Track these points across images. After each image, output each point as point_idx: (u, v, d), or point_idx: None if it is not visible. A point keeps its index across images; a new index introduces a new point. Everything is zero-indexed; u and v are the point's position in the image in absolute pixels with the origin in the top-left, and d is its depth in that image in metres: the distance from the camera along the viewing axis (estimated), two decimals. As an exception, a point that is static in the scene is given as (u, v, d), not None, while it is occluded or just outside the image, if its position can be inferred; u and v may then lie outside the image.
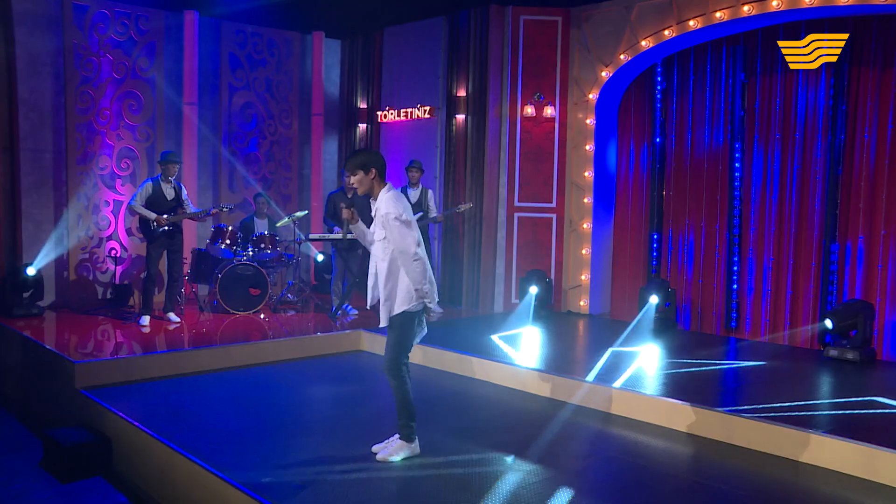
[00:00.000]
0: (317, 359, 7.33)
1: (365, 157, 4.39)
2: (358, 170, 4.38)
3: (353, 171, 4.40)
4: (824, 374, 6.52)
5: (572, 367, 6.53)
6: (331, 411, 5.69)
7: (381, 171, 4.42)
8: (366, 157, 4.41)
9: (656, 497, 4.17)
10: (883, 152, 7.35)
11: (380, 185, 4.44)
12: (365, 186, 4.44)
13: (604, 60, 9.06)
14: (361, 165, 4.37)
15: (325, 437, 4.95)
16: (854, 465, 4.48)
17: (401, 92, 10.64)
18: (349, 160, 4.44)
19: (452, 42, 9.89)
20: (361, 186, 4.44)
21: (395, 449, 4.57)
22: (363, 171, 4.38)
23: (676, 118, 8.92)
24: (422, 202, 9.06)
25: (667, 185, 9.07)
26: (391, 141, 10.84)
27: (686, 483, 4.43)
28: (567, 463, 4.74)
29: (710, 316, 8.71)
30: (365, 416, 5.56)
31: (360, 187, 4.45)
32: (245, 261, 8.59)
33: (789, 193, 8.01)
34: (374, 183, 4.43)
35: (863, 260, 7.51)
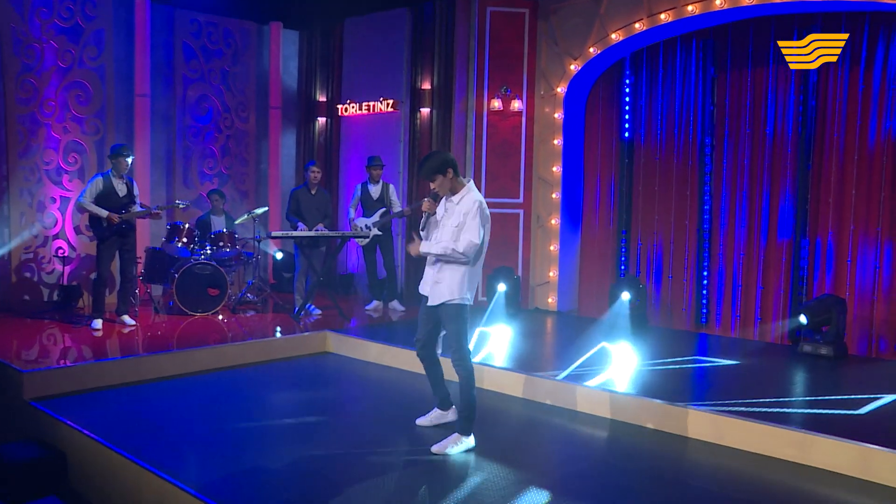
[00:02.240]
0: (282, 362, 7.00)
1: (438, 161, 4.43)
2: (436, 175, 4.42)
3: (432, 177, 4.43)
4: (803, 371, 6.47)
5: (548, 366, 6.33)
6: (301, 418, 5.36)
7: (456, 168, 4.47)
8: (438, 160, 4.44)
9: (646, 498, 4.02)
10: (852, 149, 7.37)
11: (460, 182, 4.50)
12: (446, 187, 4.47)
13: (572, 53, 8.91)
14: (438, 170, 4.41)
15: (298, 446, 4.66)
16: (850, 465, 4.40)
17: (362, 85, 10.34)
18: (422, 170, 4.47)
19: (417, 34, 9.63)
20: (443, 189, 4.47)
21: (451, 442, 4.52)
22: (441, 174, 4.42)
23: (645, 113, 8.83)
24: (384, 197, 8.80)
25: (636, 180, 8.98)
26: (352, 135, 10.53)
27: (672, 483, 4.28)
28: (545, 464, 4.55)
29: (679, 312, 8.65)
30: (338, 422, 5.28)
31: (441, 190, 4.47)
32: (203, 260, 8.20)
33: (759, 189, 7.99)
34: (454, 180, 4.46)
35: (832, 255, 7.53)
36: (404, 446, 4.71)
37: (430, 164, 4.47)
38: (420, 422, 5.08)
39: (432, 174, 4.45)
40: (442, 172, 4.44)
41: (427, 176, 4.48)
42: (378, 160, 8.79)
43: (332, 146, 10.73)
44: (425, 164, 4.49)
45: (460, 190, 4.53)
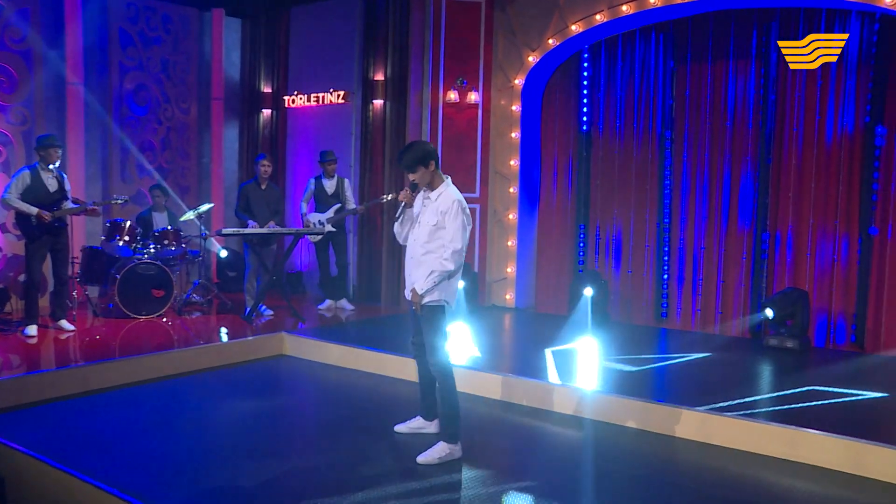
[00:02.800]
0: (237, 367, 6.60)
1: (420, 152, 4.23)
2: (418, 166, 4.22)
3: (413, 168, 4.23)
4: (774, 364, 6.44)
5: (520, 365, 6.13)
6: (265, 429, 4.99)
7: (437, 160, 4.29)
8: (420, 151, 4.24)
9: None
10: (810, 143, 7.41)
11: (440, 177, 4.30)
12: (426, 180, 4.28)
13: (530, 45, 8.73)
14: (420, 161, 4.21)
15: (267, 461, 4.32)
16: (839, 461, 4.34)
17: (311, 75, 9.94)
18: (403, 159, 4.26)
19: (369, 23, 9.30)
20: (423, 181, 4.27)
21: (437, 451, 4.30)
22: (423, 165, 4.22)
23: (604, 106, 8.73)
24: (339, 193, 8.46)
25: (594, 174, 8.88)
26: (300, 128, 10.12)
27: (664, 485, 4.13)
28: (532, 470, 4.33)
29: (640, 307, 8.59)
30: (308, 432, 4.96)
31: (422, 181, 4.28)
32: (147, 259, 7.70)
33: (719, 183, 7.97)
34: (434, 175, 4.27)
35: (792, 249, 7.56)
36: (386, 457, 4.42)
37: (412, 155, 4.24)
38: (399, 428, 4.81)
39: (413, 165, 4.24)
40: (424, 164, 4.24)
41: (408, 167, 4.26)
42: (332, 155, 8.45)
43: (279, 139, 10.30)
44: (406, 154, 4.26)
45: (438, 185, 4.32)
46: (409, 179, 4.32)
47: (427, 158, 4.24)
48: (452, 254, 4.18)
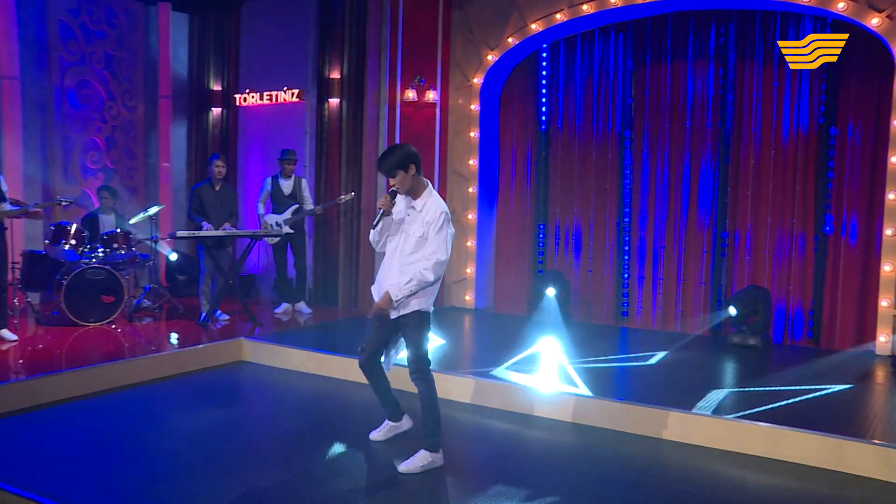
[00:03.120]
0: (195, 375, 6.32)
1: (401, 155, 4.06)
2: (397, 170, 4.05)
3: (392, 172, 4.06)
4: (741, 362, 6.49)
5: (486, 368, 6.03)
6: (232, 442, 4.73)
7: (419, 164, 4.13)
8: (401, 154, 4.07)
9: None
10: (768, 142, 7.53)
11: (421, 183, 4.16)
12: (406, 185, 4.11)
13: (489, 44, 8.66)
14: (400, 164, 4.04)
15: (239, 476, 4.11)
16: (823, 458, 4.37)
17: (263, 73, 9.66)
18: (383, 163, 4.07)
19: (325, 20, 9.08)
20: (403, 185, 4.10)
21: (418, 460, 4.15)
22: (403, 169, 4.05)
23: (563, 105, 8.72)
24: (296, 193, 8.24)
25: (553, 173, 8.86)
26: (252, 127, 9.84)
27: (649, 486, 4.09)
28: (513, 475, 4.24)
29: (600, 307, 8.60)
30: (280, 444, 4.73)
31: (402, 186, 4.10)
32: (95, 263, 7.34)
33: (679, 182, 8.04)
34: (414, 180, 4.11)
35: (750, 247, 7.67)
36: (364, 467, 4.26)
37: (393, 159, 4.07)
38: (374, 436, 4.65)
39: (393, 169, 4.07)
40: (404, 168, 4.08)
41: (388, 171, 4.08)
42: (293, 154, 8.23)
43: (230, 139, 9.98)
44: (387, 158, 4.09)
45: (422, 193, 4.17)
46: (389, 184, 4.15)
47: (407, 162, 4.08)
48: (435, 265, 4.04)
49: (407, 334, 4.22)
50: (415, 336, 4.19)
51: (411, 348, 4.21)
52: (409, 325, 4.19)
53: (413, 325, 4.18)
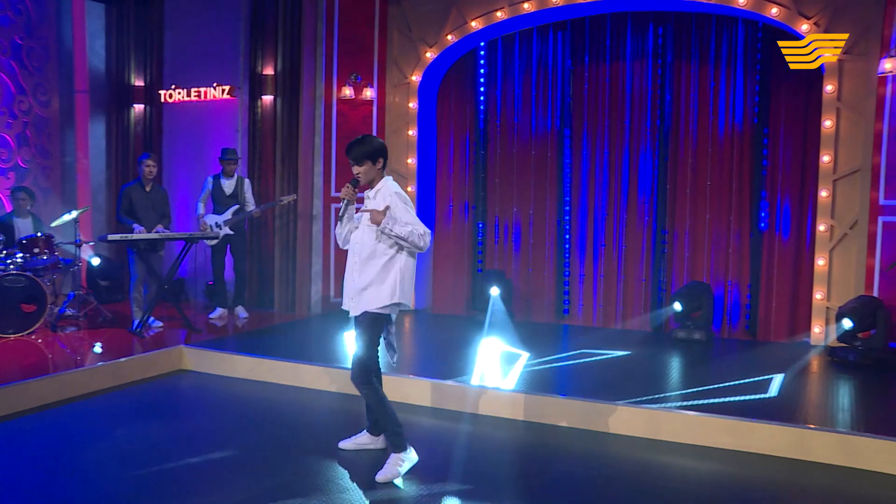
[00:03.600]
0: (133, 386, 5.95)
1: (373, 147, 4.00)
2: (366, 160, 3.98)
3: (361, 161, 3.98)
4: (689, 357, 6.62)
5: (442, 370, 5.92)
6: (171, 460, 4.34)
7: (386, 159, 4.09)
8: (374, 146, 4.01)
9: None
10: (705, 141, 7.74)
11: (381, 175, 4.08)
12: (370, 177, 4.03)
13: (427, 41, 8.56)
14: (370, 155, 3.98)
15: (205, 496, 3.86)
16: (786, 447, 4.49)
17: (191, 69, 9.22)
18: (354, 150, 3.98)
19: (257, 13, 8.75)
20: (367, 177, 4.02)
21: (392, 465, 4.03)
22: (371, 161, 4.00)
23: (502, 103, 8.71)
24: (238, 193, 7.91)
25: (492, 171, 8.84)
26: (179, 125, 9.38)
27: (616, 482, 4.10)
28: (484, 477, 4.17)
29: (541, 305, 8.64)
30: (242, 457, 4.44)
31: (365, 177, 4.02)
32: (14, 270, 6.81)
33: (618, 180, 8.16)
34: (379, 173, 4.06)
35: (689, 244, 7.87)
36: (337, 479, 4.08)
37: (363, 148, 3.99)
38: (344, 445, 4.48)
39: (363, 159, 3.99)
40: (372, 159, 4.01)
41: (357, 159, 3.99)
42: (234, 153, 7.92)
43: (154, 137, 9.49)
44: (359, 147, 3.99)
45: (376, 184, 4.08)
46: (354, 174, 4.01)
47: (377, 155, 4.02)
48: (421, 236, 3.92)
49: (357, 333, 4.07)
50: (363, 338, 4.04)
51: (358, 350, 4.06)
52: (359, 324, 4.05)
53: (362, 325, 4.04)
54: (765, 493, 4.03)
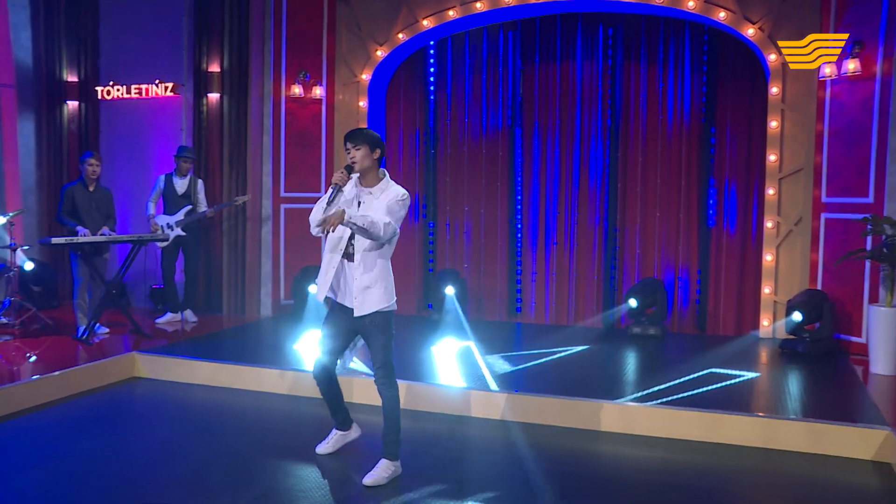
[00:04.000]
0: (84, 397, 5.66)
1: (375, 137, 3.98)
2: (365, 144, 3.92)
3: (360, 144, 3.91)
4: (646, 351, 6.76)
5: (409, 371, 5.85)
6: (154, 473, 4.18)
7: (382, 157, 4.02)
8: (375, 135, 4.00)
9: None
10: (654, 139, 7.93)
11: (378, 173, 3.99)
12: (365, 164, 3.93)
13: (377, 39, 8.48)
14: (371, 141, 3.93)
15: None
16: (755, 437, 4.65)
17: (131, 65, 8.88)
18: (356, 132, 3.97)
19: (201, 8, 8.47)
20: (362, 163, 3.92)
21: (382, 470, 3.99)
22: (369, 146, 3.92)
23: (451, 102, 8.71)
24: (190, 194, 7.66)
25: (442, 171, 8.83)
26: (118, 123, 9.02)
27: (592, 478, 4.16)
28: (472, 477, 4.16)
29: (493, 303, 8.69)
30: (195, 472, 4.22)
31: (360, 163, 3.92)
32: (-53, 277, 6.41)
33: (570, 179, 8.28)
34: (374, 165, 3.96)
35: (640, 241, 8.05)
36: (323, 485, 3.99)
37: (368, 134, 3.96)
38: (321, 449, 4.40)
39: (363, 140, 3.92)
40: (371, 147, 3.92)
41: (356, 140, 3.91)
42: (189, 151, 7.68)
43: (90, 136, 9.09)
44: (361, 131, 3.98)
45: (380, 182, 3.99)
46: (349, 159, 3.93)
47: (377, 144, 3.95)
48: (386, 225, 3.80)
49: (372, 337, 4.00)
50: (382, 339, 3.99)
51: (379, 352, 4.00)
52: (374, 326, 3.97)
53: (379, 327, 3.97)
54: (737, 480, 4.17)
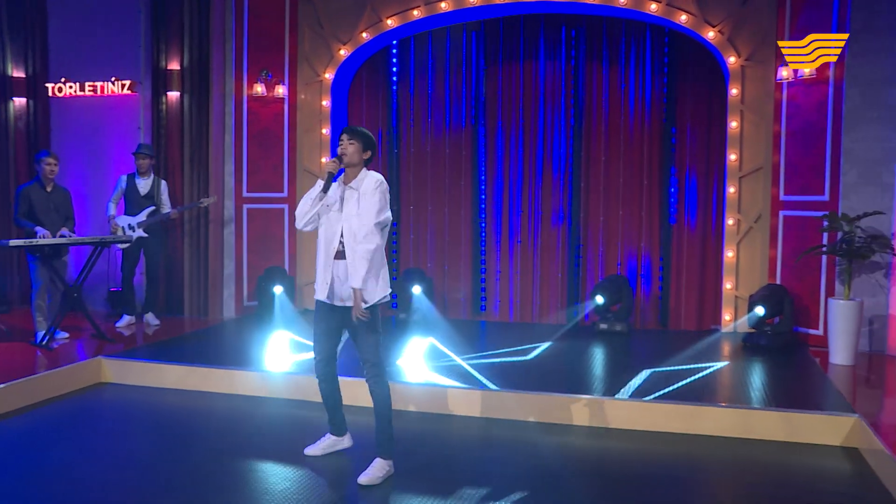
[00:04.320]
0: (48, 405, 5.47)
1: (373, 139, 4.08)
2: (360, 141, 4.00)
3: (356, 139, 3.99)
4: (616, 347, 6.88)
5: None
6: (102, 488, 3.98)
7: (372, 159, 4.10)
8: (372, 137, 4.09)
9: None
10: (616, 139, 8.08)
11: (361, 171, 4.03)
12: (354, 159, 3.99)
13: (340, 38, 8.43)
14: (368, 141, 4.02)
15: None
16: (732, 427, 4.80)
17: (83, 61, 8.62)
18: (356, 128, 4.04)
19: (158, 4, 8.29)
20: (351, 157, 3.98)
21: (377, 470, 3.99)
22: (363, 144, 4.00)
23: (414, 102, 8.73)
24: (154, 194, 7.48)
25: (405, 170, 8.84)
26: (71, 121, 8.75)
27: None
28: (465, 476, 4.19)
29: (457, 302, 8.73)
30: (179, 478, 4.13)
31: (350, 157, 3.98)
32: None
33: (533, 177, 8.38)
34: (361, 163, 4.02)
35: (603, 239, 8.20)
36: (318, 487, 3.96)
37: (365, 133, 4.04)
38: (310, 451, 4.36)
39: (359, 137, 4.00)
40: (364, 145, 4.00)
41: (354, 135, 3.99)
42: (147, 148, 7.50)
43: (40, 135, 8.79)
44: (362, 129, 4.04)
45: (358, 176, 4.01)
46: (340, 151, 3.97)
47: (371, 144, 4.05)
48: (367, 230, 3.84)
49: (362, 333, 3.98)
50: (372, 335, 3.98)
51: (370, 348, 3.99)
52: (362, 322, 3.95)
53: (368, 323, 3.96)
54: (714, 470, 4.30)
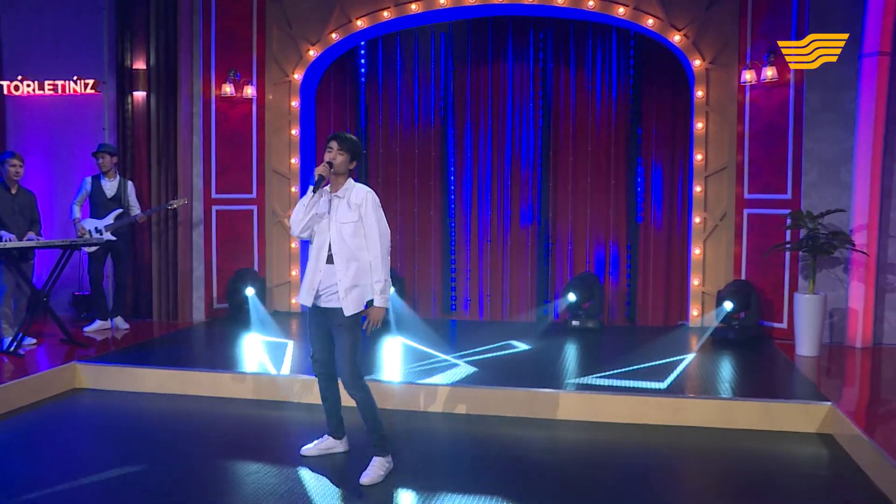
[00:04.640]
0: (22, 414, 5.32)
1: (359, 147, 4.16)
2: (347, 151, 4.06)
3: (345, 149, 4.05)
4: (590, 344, 7.01)
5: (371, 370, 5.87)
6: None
7: (356, 167, 4.20)
8: (360, 147, 4.17)
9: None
10: (584, 139, 8.25)
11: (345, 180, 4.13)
12: (341, 168, 4.08)
13: (309, 39, 8.40)
14: (356, 151, 4.10)
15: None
16: (715, 418, 4.97)
17: (43, 59, 8.41)
18: (346, 137, 4.09)
19: (122, 1, 8.13)
20: (339, 166, 4.07)
21: (377, 468, 4.02)
22: (351, 155, 4.08)
23: (383, 102, 8.76)
24: (120, 196, 7.35)
25: (374, 171, 8.86)
26: (30, 121, 8.53)
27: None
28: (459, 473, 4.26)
29: (427, 301, 8.79)
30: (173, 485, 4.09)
31: (338, 166, 4.06)
32: None
33: (502, 177, 8.49)
34: (347, 172, 4.12)
35: (572, 237, 8.35)
36: (321, 487, 3.97)
37: (354, 142, 4.11)
38: (307, 451, 4.37)
39: (348, 147, 4.07)
40: (352, 155, 4.08)
41: (344, 144, 4.06)
42: (108, 147, 7.35)
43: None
44: (351, 138, 4.11)
45: (345, 184, 4.12)
46: (328, 158, 4.04)
47: (357, 157, 4.12)
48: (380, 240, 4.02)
49: (342, 337, 4.00)
50: (350, 340, 4.00)
51: (347, 353, 3.99)
52: (342, 327, 3.99)
53: (348, 328, 3.99)
54: (696, 459, 4.47)
